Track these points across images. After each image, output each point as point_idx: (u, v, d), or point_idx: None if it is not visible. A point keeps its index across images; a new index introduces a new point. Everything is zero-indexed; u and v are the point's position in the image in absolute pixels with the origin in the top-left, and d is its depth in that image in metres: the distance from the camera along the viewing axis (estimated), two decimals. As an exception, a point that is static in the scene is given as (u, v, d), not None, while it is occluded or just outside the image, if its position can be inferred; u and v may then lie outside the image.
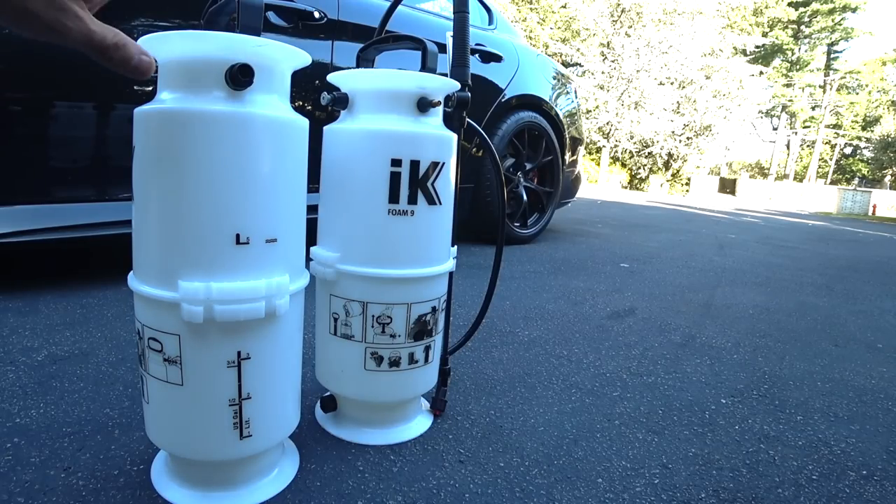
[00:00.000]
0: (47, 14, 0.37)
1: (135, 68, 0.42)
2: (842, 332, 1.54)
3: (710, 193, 19.66)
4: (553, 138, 2.69)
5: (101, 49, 0.40)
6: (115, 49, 0.41)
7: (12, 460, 0.67)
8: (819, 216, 9.69)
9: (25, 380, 0.88)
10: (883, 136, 26.29)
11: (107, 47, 0.40)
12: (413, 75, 0.71)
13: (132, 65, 0.42)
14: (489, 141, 0.87)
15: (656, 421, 0.91)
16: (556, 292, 1.74)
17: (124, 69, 0.42)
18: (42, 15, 0.37)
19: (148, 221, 0.55)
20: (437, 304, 0.78)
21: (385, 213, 0.71)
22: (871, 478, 0.78)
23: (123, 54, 0.41)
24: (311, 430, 0.80)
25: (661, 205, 8.10)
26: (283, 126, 0.57)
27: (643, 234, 3.66)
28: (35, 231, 1.24)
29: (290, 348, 0.64)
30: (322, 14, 1.66)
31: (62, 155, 1.31)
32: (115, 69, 0.42)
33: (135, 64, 0.42)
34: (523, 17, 15.84)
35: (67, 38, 0.39)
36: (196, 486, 0.62)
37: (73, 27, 0.38)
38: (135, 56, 0.42)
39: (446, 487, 0.68)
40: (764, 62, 24.60)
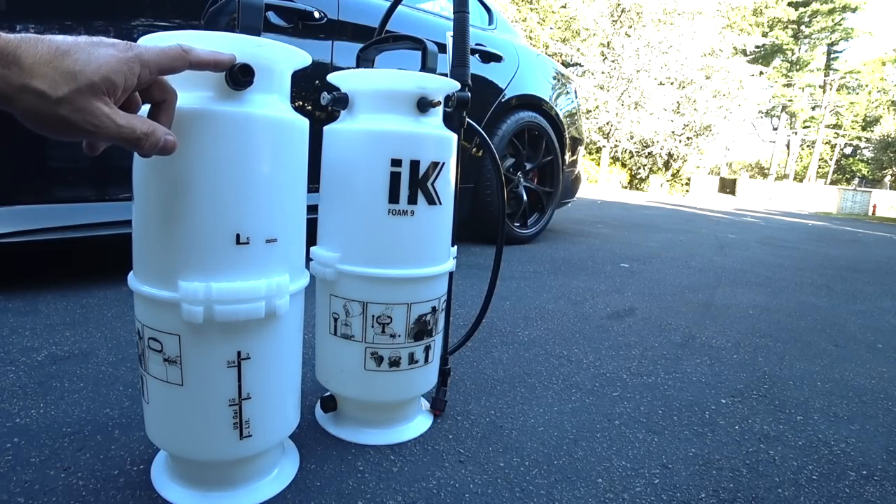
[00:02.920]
0: (77, 118, 0.40)
1: (162, 149, 0.47)
2: (842, 332, 1.54)
3: (710, 193, 19.65)
4: (553, 138, 2.69)
5: (133, 140, 0.44)
6: (145, 138, 0.45)
7: (12, 460, 0.67)
8: (819, 216, 9.69)
9: (25, 380, 0.88)
10: (883, 136, 26.29)
11: (137, 138, 0.44)
12: (413, 75, 0.71)
13: (159, 147, 0.46)
14: (489, 141, 0.87)
15: (656, 421, 0.91)
16: (556, 292, 1.74)
17: (154, 152, 0.47)
18: (72, 119, 0.40)
19: (148, 221, 0.55)
20: (437, 304, 0.78)
21: (385, 213, 0.71)
22: (871, 478, 0.78)
23: (153, 141, 0.46)
24: (311, 430, 0.80)
25: (661, 205, 8.10)
26: (283, 126, 0.57)
27: (643, 234, 3.66)
28: (35, 231, 1.24)
29: (290, 348, 0.64)
30: (322, 14, 1.66)
31: (62, 155, 1.31)
32: (146, 154, 0.47)
33: (161, 146, 0.47)
34: (523, 17, 15.84)
35: (99, 137, 0.43)
36: (196, 486, 0.62)
37: (102, 125, 0.42)
38: (161, 139, 0.46)
39: (446, 487, 0.68)
40: (764, 62, 24.60)
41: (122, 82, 0.42)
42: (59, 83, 0.38)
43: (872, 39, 29.75)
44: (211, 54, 0.49)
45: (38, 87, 0.38)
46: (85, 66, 0.39)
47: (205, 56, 0.49)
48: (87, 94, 0.40)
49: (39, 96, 0.38)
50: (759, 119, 27.94)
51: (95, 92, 0.40)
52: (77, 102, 0.39)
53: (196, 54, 0.48)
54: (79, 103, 0.39)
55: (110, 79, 0.41)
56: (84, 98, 0.40)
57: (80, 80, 0.39)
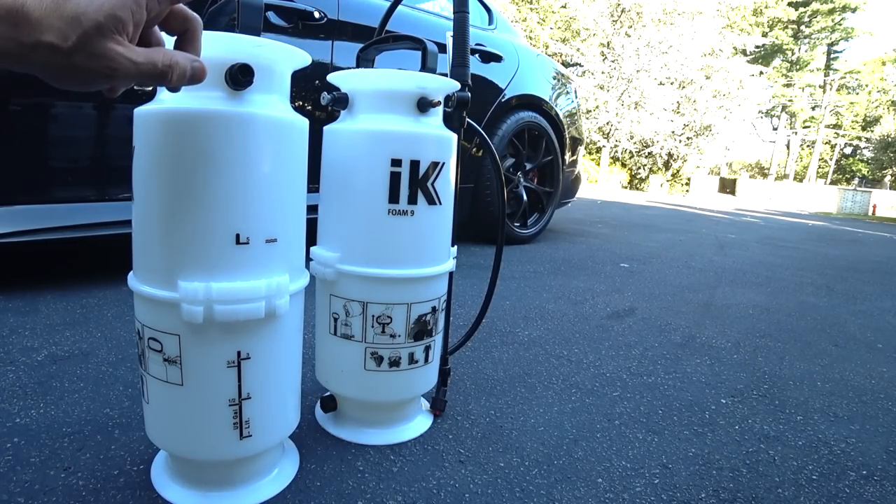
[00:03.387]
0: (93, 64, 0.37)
1: (192, 78, 0.43)
2: (842, 332, 1.54)
3: (710, 193, 19.65)
4: (553, 138, 2.69)
5: (155, 75, 0.41)
6: (169, 71, 0.41)
7: (12, 460, 0.67)
8: (819, 216, 9.69)
9: (25, 380, 0.88)
10: (883, 136, 26.29)
11: (161, 72, 0.41)
12: (413, 75, 0.71)
13: (188, 76, 0.43)
14: (489, 141, 0.87)
15: (656, 421, 0.91)
16: (556, 292, 1.74)
17: (182, 84, 0.43)
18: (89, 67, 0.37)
19: (148, 221, 0.55)
20: (437, 304, 0.78)
21: (385, 213, 0.71)
22: (871, 478, 0.78)
23: (179, 72, 0.42)
24: (311, 430, 0.80)
25: (660, 205, 8.10)
26: (283, 126, 0.57)
27: (643, 234, 3.66)
28: (35, 231, 1.24)
29: (290, 348, 0.64)
30: (322, 14, 1.66)
31: (62, 155, 1.31)
32: (176, 87, 0.43)
33: (190, 75, 0.43)
34: (523, 17, 15.84)
35: (119, 78, 0.39)
36: (196, 486, 0.62)
37: (120, 66, 0.39)
38: (189, 68, 0.42)
39: (446, 487, 0.68)
40: (764, 62, 24.60)
41: (129, 17, 0.39)
42: (66, 32, 0.36)
43: (872, 39, 29.75)
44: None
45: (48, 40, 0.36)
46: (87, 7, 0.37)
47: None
48: (96, 36, 0.37)
49: (52, 50, 0.36)
50: (759, 119, 27.95)
51: (104, 32, 0.37)
52: (88, 47, 0.37)
53: None
54: (90, 48, 0.37)
55: (116, 15, 0.38)
56: (94, 41, 0.37)
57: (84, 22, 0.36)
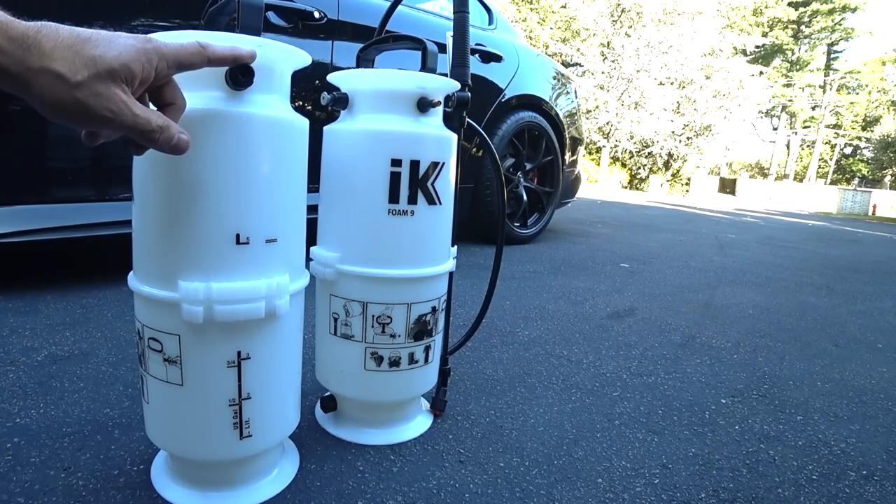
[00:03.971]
0: (95, 103, 0.39)
1: (175, 147, 0.46)
2: (842, 332, 1.54)
3: (710, 193, 19.65)
4: (553, 138, 2.69)
5: (147, 132, 0.43)
6: (159, 132, 0.44)
7: (12, 460, 0.67)
8: (819, 216, 9.69)
9: (25, 380, 0.88)
10: (883, 136, 26.28)
11: (151, 130, 0.43)
12: (413, 75, 0.71)
13: (172, 144, 0.45)
14: (489, 141, 0.87)
15: (656, 421, 0.91)
16: (556, 292, 1.74)
17: (166, 149, 0.45)
18: (90, 104, 0.39)
19: (148, 221, 0.55)
20: (437, 304, 0.78)
21: (385, 213, 0.71)
22: (871, 478, 0.78)
23: (166, 136, 0.44)
24: (311, 430, 0.80)
25: (660, 205, 8.10)
26: (283, 126, 0.57)
27: (643, 234, 3.66)
28: (35, 231, 1.24)
29: (290, 348, 0.64)
30: (322, 14, 1.66)
31: (62, 155, 1.31)
32: (159, 149, 0.45)
33: (174, 143, 0.45)
34: (523, 17, 15.84)
35: (115, 125, 0.41)
36: (196, 486, 0.62)
37: (119, 112, 0.41)
38: (175, 136, 0.45)
39: (446, 487, 0.68)
40: (764, 62, 24.59)
41: (140, 72, 0.41)
42: (78, 67, 0.38)
43: (872, 39, 29.77)
44: (229, 50, 0.48)
45: (57, 69, 0.37)
46: (105, 53, 0.39)
47: (223, 52, 0.47)
48: (107, 80, 0.39)
49: (58, 79, 0.37)
50: (759, 119, 27.94)
51: (115, 78, 0.39)
52: (96, 87, 0.39)
53: (214, 50, 0.47)
54: (97, 88, 0.39)
55: (129, 67, 0.40)
56: (103, 84, 0.39)
57: (99, 65, 0.38)
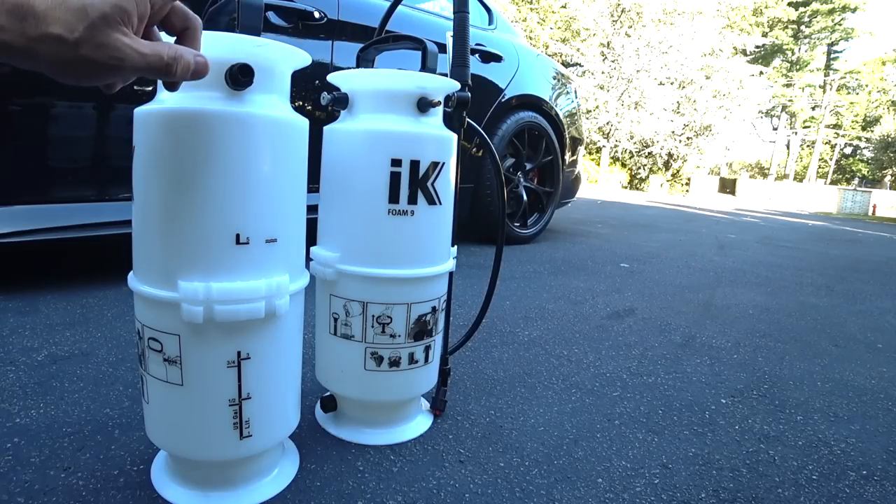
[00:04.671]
0: (100, 54, 0.38)
1: (195, 73, 0.44)
2: (842, 332, 1.54)
3: (710, 193, 19.64)
4: (553, 138, 2.69)
5: (161, 68, 0.41)
6: (174, 63, 0.42)
7: (12, 460, 0.67)
8: (819, 216, 9.69)
9: (25, 380, 0.88)
10: (883, 136, 26.28)
11: (166, 64, 0.41)
12: (413, 75, 0.71)
13: (192, 71, 0.43)
14: (489, 141, 0.87)
15: (656, 421, 0.91)
16: (556, 292, 1.74)
17: (186, 78, 0.43)
18: (96, 58, 0.38)
19: (148, 221, 0.55)
20: (437, 304, 0.78)
21: (385, 213, 0.71)
22: (871, 478, 0.78)
23: (183, 65, 0.42)
24: (311, 430, 0.80)
25: (661, 205, 8.10)
26: (283, 126, 0.57)
27: (643, 234, 3.66)
28: (35, 231, 1.24)
29: (290, 348, 0.64)
30: (322, 14, 1.66)
31: (62, 155, 1.31)
32: (179, 80, 0.44)
33: (193, 69, 0.43)
34: (523, 17, 15.83)
35: (125, 70, 0.40)
36: (196, 486, 0.62)
37: (126, 56, 0.39)
38: (192, 62, 0.43)
39: (446, 487, 0.68)
40: (764, 62, 24.58)
41: (133, 8, 0.40)
42: (72, 23, 0.36)
43: (872, 39, 29.70)
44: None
45: (54, 32, 0.36)
46: None
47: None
48: (103, 27, 0.38)
49: (58, 42, 0.36)
50: (759, 119, 27.92)
51: (110, 23, 0.38)
52: (95, 38, 0.37)
53: None
54: (97, 39, 0.37)
55: (121, 6, 0.39)
56: (100, 32, 0.38)
57: (91, 13, 0.37)
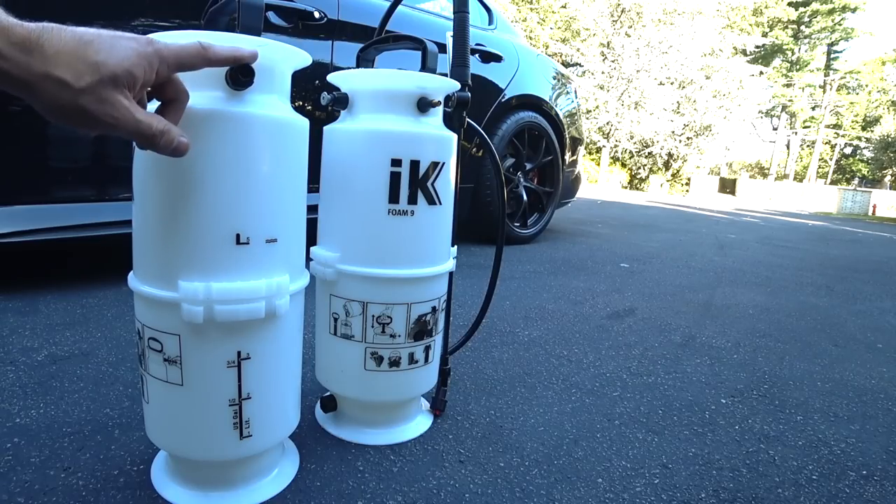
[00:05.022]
0: (98, 109, 0.40)
1: (175, 150, 0.47)
2: (842, 332, 1.54)
3: (710, 193, 19.65)
4: (553, 138, 2.69)
5: (149, 137, 0.44)
6: (160, 136, 0.45)
7: (12, 460, 0.67)
8: (819, 216, 9.69)
9: (25, 380, 0.88)
10: (883, 136, 26.27)
11: (153, 135, 0.44)
12: (413, 75, 0.71)
13: (173, 147, 0.46)
14: (489, 141, 0.87)
15: (656, 421, 0.91)
16: (556, 292, 1.74)
17: (166, 152, 0.46)
18: (93, 110, 0.40)
19: (148, 221, 0.55)
20: (438, 304, 0.78)
21: (385, 213, 0.71)
22: (871, 478, 0.78)
23: (167, 140, 0.45)
24: (311, 430, 0.80)
25: (661, 205, 8.10)
26: (283, 126, 0.57)
27: (643, 234, 3.66)
28: (35, 231, 1.24)
29: (290, 348, 0.64)
30: (322, 14, 1.66)
31: (62, 155, 1.31)
32: (159, 152, 0.46)
33: (174, 146, 0.46)
34: (523, 17, 15.83)
35: (118, 129, 0.42)
36: (196, 486, 0.62)
37: (122, 118, 0.41)
38: (175, 139, 0.46)
39: (446, 487, 0.68)
40: (764, 62, 24.58)
41: (141, 76, 0.41)
42: (82, 73, 0.38)
43: (872, 39, 29.68)
44: (230, 50, 0.48)
45: (60, 76, 0.37)
46: (108, 58, 0.39)
47: (224, 53, 0.47)
48: (110, 86, 0.39)
49: (62, 85, 0.37)
50: (759, 119, 27.92)
51: (117, 84, 0.40)
52: (99, 93, 0.39)
53: (215, 51, 0.47)
54: (101, 94, 0.39)
55: (132, 72, 0.40)
56: (106, 89, 0.39)
57: (103, 71, 0.39)
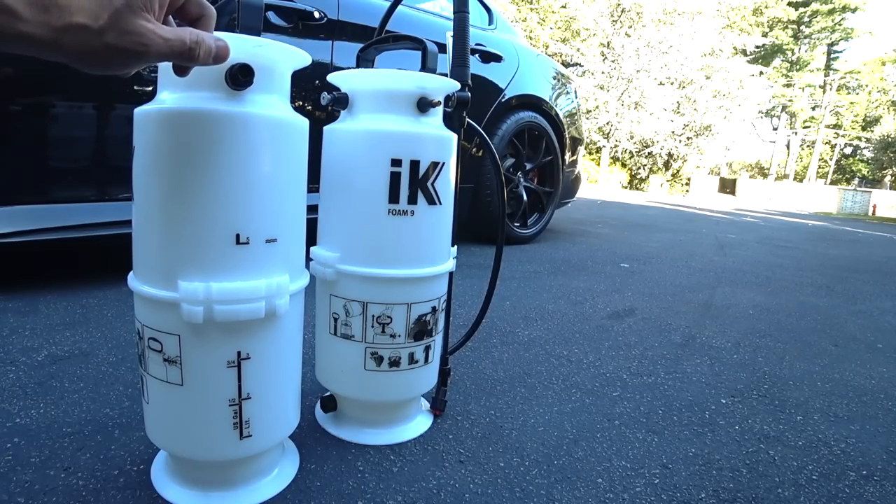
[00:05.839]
0: (125, 41, 0.38)
1: (217, 57, 0.44)
2: (842, 332, 1.54)
3: (710, 193, 19.65)
4: (553, 138, 2.69)
5: (184, 52, 0.42)
6: (196, 48, 0.42)
7: (12, 460, 0.67)
8: (819, 216, 9.69)
9: (25, 380, 0.88)
10: (883, 136, 26.27)
11: (189, 48, 0.42)
12: (413, 75, 0.71)
13: (213, 55, 0.44)
14: (489, 141, 0.87)
15: (656, 421, 0.91)
16: (556, 292, 1.74)
17: (208, 62, 0.44)
18: (121, 45, 0.38)
19: (148, 221, 0.55)
20: (437, 304, 0.78)
21: (385, 213, 0.71)
22: (871, 478, 0.78)
23: (205, 49, 0.43)
24: (311, 430, 0.80)
25: (661, 205, 8.10)
26: (283, 126, 0.57)
27: (643, 234, 3.66)
28: (35, 231, 1.24)
29: (290, 348, 0.64)
30: (322, 14, 1.66)
31: (62, 155, 1.31)
32: (200, 65, 0.44)
33: (215, 54, 0.44)
34: (523, 17, 15.83)
35: (150, 56, 0.40)
36: (196, 486, 0.62)
37: (150, 42, 0.39)
38: (213, 47, 0.43)
39: (446, 487, 0.68)
40: (764, 62, 24.58)
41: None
42: (97, 11, 0.37)
43: (872, 39, 29.75)
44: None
45: (79, 21, 0.36)
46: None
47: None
48: (127, 14, 0.38)
49: (83, 31, 0.36)
50: (759, 119, 27.91)
51: (133, 9, 0.38)
52: (120, 25, 0.38)
53: None
54: (122, 26, 0.38)
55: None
56: (125, 19, 0.38)
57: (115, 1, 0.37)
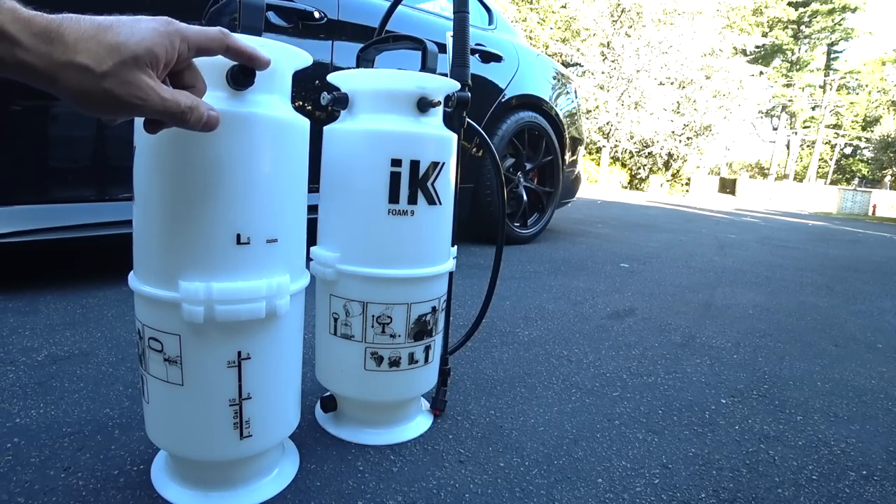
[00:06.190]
0: (123, 91, 0.39)
1: (206, 125, 0.46)
2: (842, 332, 1.54)
3: (710, 193, 19.65)
4: (553, 138, 2.69)
5: (177, 114, 0.43)
6: (189, 112, 0.44)
7: (12, 460, 0.67)
8: (819, 216, 9.69)
9: (25, 380, 0.88)
10: (883, 136, 26.27)
11: (182, 111, 0.44)
12: (413, 75, 0.71)
13: (203, 122, 0.46)
14: (489, 141, 0.87)
15: (656, 421, 0.91)
16: (556, 292, 1.74)
17: (197, 127, 0.46)
18: (118, 93, 0.39)
19: (148, 221, 0.55)
20: (438, 304, 0.78)
21: (385, 213, 0.71)
22: (871, 478, 0.78)
23: (196, 115, 0.45)
24: (311, 430, 0.80)
25: (661, 205, 8.10)
26: (284, 126, 0.57)
27: (643, 234, 3.66)
28: (35, 231, 1.24)
29: (291, 348, 0.64)
30: (322, 14, 1.66)
31: (62, 155, 1.31)
32: (189, 129, 0.46)
33: (205, 121, 0.46)
34: (523, 17, 15.83)
35: (144, 110, 0.42)
36: (196, 486, 0.62)
37: (148, 98, 0.41)
38: (205, 114, 0.46)
39: (446, 487, 0.68)
40: (764, 62, 24.58)
41: (163, 55, 0.41)
42: (103, 57, 0.38)
43: (872, 39, 29.75)
44: (250, 48, 0.49)
45: (82, 61, 0.37)
46: (128, 39, 0.39)
47: (244, 47, 0.48)
48: (132, 67, 0.39)
49: (84, 71, 0.37)
50: (759, 119, 27.91)
51: (139, 64, 0.39)
52: (122, 75, 0.39)
53: (234, 41, 0.47)
54: (124, 76, 0.39)
55: (153, 51, 0.40)
56: (129, 71, 0.39)
57: (123, 52, 0.38)
